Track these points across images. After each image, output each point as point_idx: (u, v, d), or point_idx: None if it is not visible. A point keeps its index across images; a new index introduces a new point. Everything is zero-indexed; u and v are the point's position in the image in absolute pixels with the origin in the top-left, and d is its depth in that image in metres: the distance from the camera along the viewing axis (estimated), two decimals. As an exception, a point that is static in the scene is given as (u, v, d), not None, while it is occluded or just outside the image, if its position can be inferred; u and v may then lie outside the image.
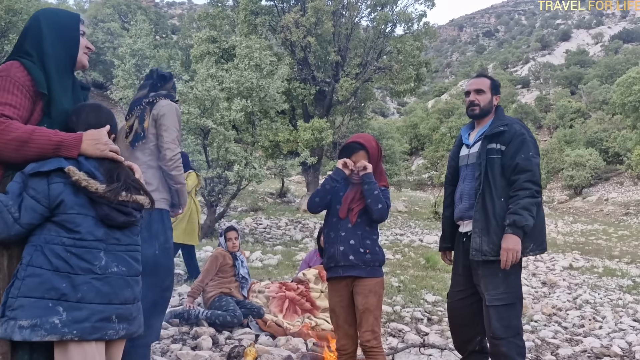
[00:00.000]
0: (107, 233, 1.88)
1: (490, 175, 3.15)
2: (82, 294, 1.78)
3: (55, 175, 1.81)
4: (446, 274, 8.64)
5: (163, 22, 45.54)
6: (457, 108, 66.51)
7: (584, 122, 60.18)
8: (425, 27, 18.84)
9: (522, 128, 3.25)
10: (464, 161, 3.41)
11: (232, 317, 4.65)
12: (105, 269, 1.85)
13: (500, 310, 3.09)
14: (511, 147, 3.14)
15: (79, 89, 2.22)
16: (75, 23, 2.17)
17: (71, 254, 1.79)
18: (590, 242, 16.18)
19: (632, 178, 43.74)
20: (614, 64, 78.78)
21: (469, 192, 3.28)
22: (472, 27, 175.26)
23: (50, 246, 1.79)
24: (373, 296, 2.87)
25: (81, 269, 1.79)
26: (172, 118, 3.05)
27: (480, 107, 3.35)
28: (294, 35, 16.73)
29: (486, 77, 3.47)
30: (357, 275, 2.88)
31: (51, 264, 1.77)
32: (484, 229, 3.11)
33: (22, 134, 1.84)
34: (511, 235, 3.02)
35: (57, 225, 1.81)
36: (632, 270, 10.42)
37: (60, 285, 1.76)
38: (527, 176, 3.07)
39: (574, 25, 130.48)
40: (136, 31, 22.98)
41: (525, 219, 3.01)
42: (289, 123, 17.59)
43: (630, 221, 31.26)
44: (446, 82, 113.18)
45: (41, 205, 1.79)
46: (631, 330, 5.77)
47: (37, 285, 1.75)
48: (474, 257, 3.14)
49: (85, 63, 2.23)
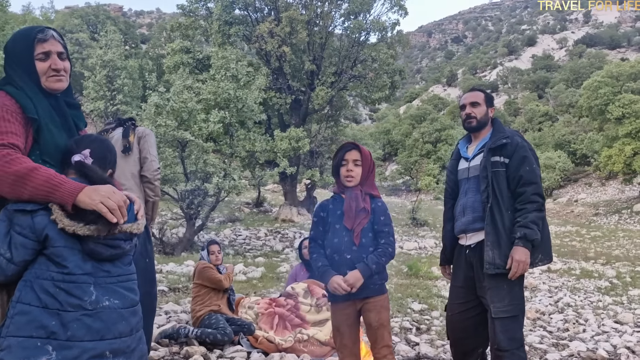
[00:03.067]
0: (95, 266, 1.79)
1: (496, 188, 3.16)
2: (72, 331, 1.68)
3: (38, 209, 1.73)
4: (429, 281, 8.71)
5: (132, 32, 44.99)
6: (428, 113, 67.32)
7: (552, 125, 61.57)
8: (399, 36, 19.05)
9: (523, 140, 3.29)
10: (464, 174, 3.41)
11: (222, 334, 4.57)
12: (96, 303, 1.75)
13: (505, 322, 3.11)
14: (514, 159, 3.17)
15: (64, 109, 2.04)
16: (27, 49, 1.95)
17: (60, 290, 1.70)
18: (566, 244, 16.51)
19: (600, 179, 44.90)
20: (578, 68, 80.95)
21: (473, 205, 3.28)
22: (440, 33, 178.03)
23: (39, 281, 1.70)
24: (385, 311, 2.88)
25: (70, 305, 1.70)
26: (153, 139, 3.80)
27: (477, 120, 3.37)
28: (269, 45, 16.71)
29: (480, 90, 3.49)
30: (366, 295, 2.87)
31: (40, 301, 1.68)
32: (495, 242, 3.12)
33: (22, 169, 1.73)
34: (521, 247, 3.05)
35: (47, 259, 1.72)
36: (608, 271, 10.66)
37: (49, 323, 1.67)
38: (533, 189, 3.12)
39: (539, 30, 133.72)
40: (107, 42, 22.68)
41: (535, 233, 3.06)
42: (265, 132, 17.52)
43: (600, 221, 32.04)
44: (417, 87, 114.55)
45: (30, 240, 1.70)
46: (614, 332, 5.88)
47: (26, 324, 1.65)
48: (487, 271, 3.13)
49: (54, 87, 1.98)
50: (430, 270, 9.43)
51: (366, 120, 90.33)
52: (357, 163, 2.94)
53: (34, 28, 2.03)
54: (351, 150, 2.96)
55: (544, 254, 3.23)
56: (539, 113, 66.77)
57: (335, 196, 3.05)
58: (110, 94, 18.97)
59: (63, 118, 2.02)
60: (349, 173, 2.92)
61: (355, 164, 2.94)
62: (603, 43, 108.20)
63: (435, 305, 6.84)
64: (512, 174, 3.16)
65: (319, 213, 3.03)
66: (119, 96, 19.24)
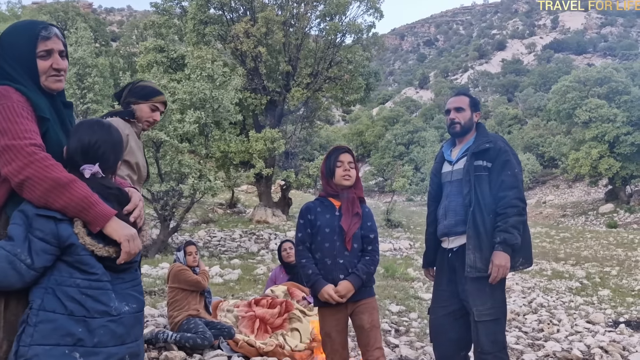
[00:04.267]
0: (112, 275, 1.80)
1: (479, 192, 3.18)
2: (99, 338, 1.70)
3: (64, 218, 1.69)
4: (405, 283, 8.76)
5: (102, 29, 44.14)
6: (401, 115, 68.01)
7: (521, 128, 62.91)
8: (374, 38, 19.16)
9: (506, 145, 3.31)
10: (447, 177, 3.41)
11: (202, 339, 4.50)
12: (119, 310, 1.77)
13: (488, 325, 3.13)
14: (497, 164, 3.20)
15: (61, 108, 1.96)
16: (28, 45, 1.85)
17: (87, 296, 1.69)
18: (536, 245, 16.84)
19: (567, 181, 46.08)
20: (546, 73, 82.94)
21: (455, 208, 3.29)
22: (413, 36, 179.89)
23: (62, 288, 1.68)
24: (376, 313, 2.92)
25: (97, 312, 1.71)
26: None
27: (461, 125, 3.37)
28: (245, 45, 16.59)
29: (465, 94, 3.49)
30: (358, 298, 2.89)
31: (65, 308, 1.66)
32: (476, 246, 3.14)
33: (63, 177, 1.66)
34: (501, 252, 3.07)
35: (69, 266, 1.70)
36: (578, 272, 10.92)
37: (76, 330, 1.66)
38: (514, 193, 3.14)
39: (508, 35, 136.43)
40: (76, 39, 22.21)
41: (515, 238, 3.08)
42: (241, 133, 17.39)
43: (568, 223, 32.85)
44: (390, 89, 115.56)
45: (52, 246, 1.67)
46: (587, 332, 6.02)
47: (52, 332, 1.64)
48: (469, 274, 3.16)
49: (54, 87, 1.89)
50: (407, 272, 9.49)
51: (339, 122, 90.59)
52: (352, 165, 2.97)
53: (36, 24, 1.90)
54: (344, 153, 3.00)
55: (525, 257, 3.26)
56: (509, 116, 68.16)
57: (321, 199, 3.03)
58: (80, 92, 18.52)
59: (60, 118, 1.94)
60: (346, 172, 2.94)
61: (350, 166, 2.96)
62: (570, 48, 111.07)
63: (413, 307, 6.89)
64: (494, 178, 3.18)
65: (305, 215, 2.99)
66: (90, 94, 18.82)
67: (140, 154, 3.29)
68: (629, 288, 9.22)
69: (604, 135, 33.15)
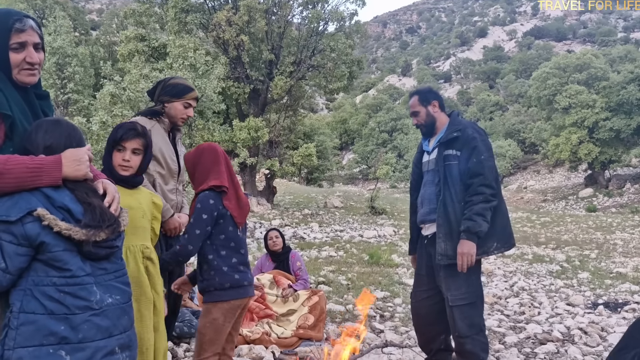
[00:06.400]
0: (93, 265, 1.78)
1: (449, 181, 3.25)
2: (84, 333, 1.69)
3: (26, 216, 1.65)
4: (390, 269, 8.88)
5: (82, 18, 43.29)
6: (384, 103, 68.10)
7: (502, 115, 63.51)
8: (357, 26, 19.13)
9: (475, 132, 3.35)
10: (425, 167, 3.53)
11: (189, 327, 4.55)
12: (101, 302, 1.76)
13: (463, 309, 3.22)
14: (465, 151, 3.25)
15: (34, 100, 1.91)
16: (1, 38, 1.79)
17: (65, 294, 1.68)
18: (517, 230, 17.11)
19: (548, 167, 46.75)
20: (527, 59, 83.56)
21: (429, 197, 3.39)
22: (395, 23, 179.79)
23: (40, 288, 1.66)
24: (204, 318, 2.85)
25: (78, 307, 1.69)
26: None
27: (424, 125, 3.49)
28: (227, 34, 16.46)
29: (414, 94, 3.58)
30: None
31: (45, 308, 1.65)
32: (447, 234, 3.22)
33: None
34: (466, 240, 3.14)
35: (44, 265, 1.68)
36: (559, 255, 11.13)
37: (58, 328, 1.65)
38: (480, 180, 3.17)
39: (489, 22, 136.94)
40: (55, 28, 21.81)
41: (478, 225, 3.13)
42: (224, 122, 17.30)
43: (548, 207, 33.38)
44: (372, 77, 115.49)
45: (24, 247, 1.65)
46: (566, 314, 6.17)
47: (34, 333, 1.63)
48: (440, 262, 3.25)
49: (26, 81, 1.84)
50: (391, 258, 9.60)
51: (323, 110, 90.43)
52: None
53: (10, 14, 1.83)
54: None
55: (500, 241, 3.30)
56: (490, 103, 68.69)
57: None
58: (60, 82, 18.24)
59: (33, 111, 1.90)
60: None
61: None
62: (550, 35, 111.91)
63: (397, 293, 6.99)
64: (462, 167, 3.25)
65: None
66: (70, 85, 18.55)
67: (167, 148, 3.31)
68: (607, 270, 9.44)
69: (584, 120, 33.65)
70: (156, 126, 3.29)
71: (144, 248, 2.59)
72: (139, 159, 2.57)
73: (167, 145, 3.34)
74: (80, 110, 17.34)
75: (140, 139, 2.55)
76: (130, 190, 2.57)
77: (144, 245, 2.60)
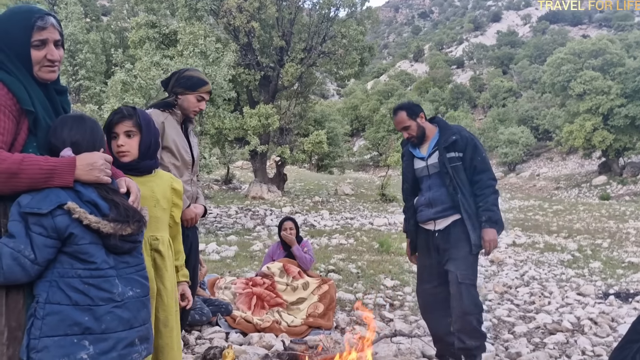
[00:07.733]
0: (116, 259, 1.85)
1: (459, 180, 3.56)
2: (106, 324, 1.76)
3: (56, 209, 1.72)
4: (400, 257, 8.88)
5: (92, 4, 43.32)
6: (396, 89, 67.65)
7: (515, 101, 62.76)
8: (368, 11, 18.96)
9: (469, 133, 3.72)
10: (423, 172, 3.75)
11: (200, 315, 4.60)
12: (123, 295, 1.83)
13: (470, 288, 3.53)
14: (467, 152, 3.59)
15: (54, 96, 1.96)
16: (23, 33, 1.84)
17: (89, 286, 1.75)
18: (529, 218, 17.03)
19: (561, 154, 46.23)
20: (541, 44, 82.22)
21: (440, 197, 3.63)
22: (407, 8, 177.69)
23: (65, 280, 1.74)
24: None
25: (102, 299, 1.77)
26: None
27: (416, 136, 3.71)
28: (237, 20, 16.39)
29: (399, 109, 3.74)
30: None
31: (70, 299, 1.72)
32: (473, 226, 3.53)
33: (10, 165, 1.69)
34: (489, 229, 3.50)
35: (70, 257, 1.75)
36: (570, 244, 11.06)
37: (82, 319, 1.72)
38: (487, 175, 3.59)
39: (504, 6, 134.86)
40: (66, 14, 21.85)
41: (497, 214, 3.54)
42: (235, 109, 17.31)
43: (561, 195, 33.10)
44: (384, 63, 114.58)
45: (52, 240, 1.72)
46: (577, 304, 6.15)
47: (59, 323, 1.70)
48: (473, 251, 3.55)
49: (47, 77, 1.89)
50: (401, 247, 9.60)
51: (334, 96, 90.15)
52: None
53: (32, 12, 1.87)
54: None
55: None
56: (504, 89, 67.86)
57: None
58: (72, 69, 18.31)
59: (54, 107, 1.95)
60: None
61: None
62: (565, 20, 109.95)
63: (407, 281, 7.00)
64: (467, 165, 3.58)
65: None
66: (82, 71, 18.62)
67: (180, 140, 3.33)
68: (619, 260, 9.37)
69: (598, 107, 33.17)
70: (169, 118, 3.31)
71: (152, 240, 2.47)
72: (135, 141, 2.38)
73: (180, 136, 3.36)
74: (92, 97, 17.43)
75: (129, 120, 2.36)
76: (142, 178, 2.40)
77: (153, 236, 2.47)
